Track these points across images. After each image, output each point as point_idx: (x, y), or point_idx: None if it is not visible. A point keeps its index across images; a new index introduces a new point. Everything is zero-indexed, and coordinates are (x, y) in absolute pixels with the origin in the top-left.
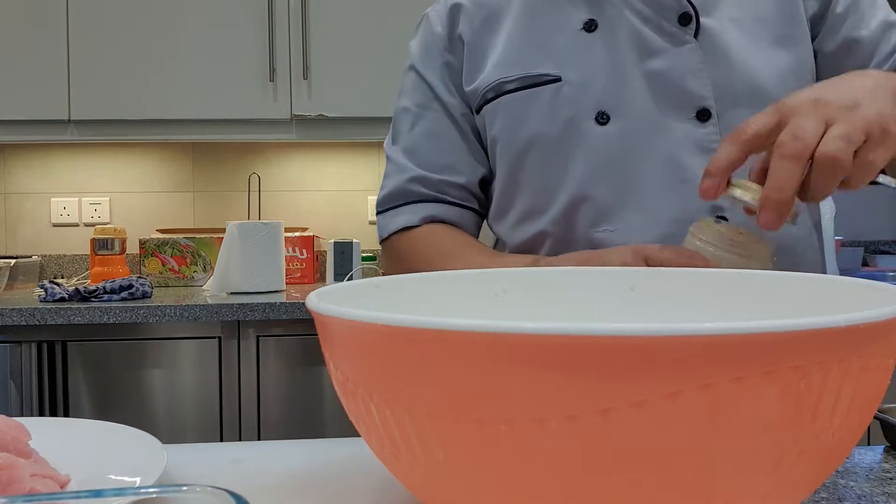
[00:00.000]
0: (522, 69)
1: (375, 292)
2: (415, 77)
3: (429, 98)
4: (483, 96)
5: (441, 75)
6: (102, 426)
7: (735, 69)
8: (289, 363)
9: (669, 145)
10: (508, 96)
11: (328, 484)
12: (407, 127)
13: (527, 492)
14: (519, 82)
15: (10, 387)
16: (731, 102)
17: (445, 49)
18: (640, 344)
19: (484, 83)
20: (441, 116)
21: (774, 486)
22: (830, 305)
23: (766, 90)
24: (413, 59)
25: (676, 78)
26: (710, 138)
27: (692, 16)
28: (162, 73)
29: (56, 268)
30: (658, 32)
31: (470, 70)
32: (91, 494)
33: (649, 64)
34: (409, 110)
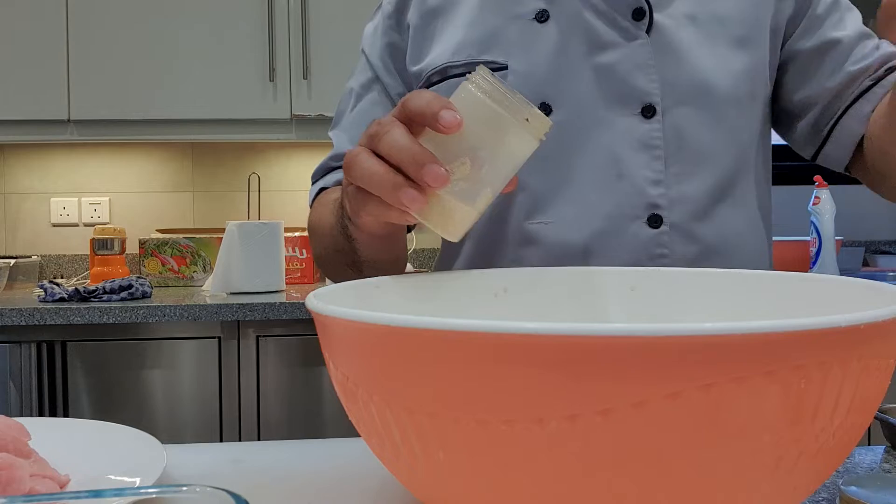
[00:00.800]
0: (470, 55)
1: (375, 292)
2: (363, 60)
3: (370, 79)
4: (428, 79)
5: (382, 55)
6: (102, 426)
7: (684, 67)
8: (289, 363)
9: (610, 140)
10: (452, 81)
11: (328, 484)
12: (349, 108)
13: (527, 492)
14: (465, 67)
15: (10, 387)
16: (677, 100)
17: (391, 28)
18: (640, 344)
19: (430, 65)
20: (379, 96)
21: (775, 487)
22: (831, 305)
23: (715, 90)
24: (363, 42)
25: (624, 73)
26: (652, 135)
27: (646, 11)
28: (162, 72)
29: (56, 268)
30: (610, 26)
31: (415, 50)
32: (91, 494)
33: (599, 57)
34: (353, 91)
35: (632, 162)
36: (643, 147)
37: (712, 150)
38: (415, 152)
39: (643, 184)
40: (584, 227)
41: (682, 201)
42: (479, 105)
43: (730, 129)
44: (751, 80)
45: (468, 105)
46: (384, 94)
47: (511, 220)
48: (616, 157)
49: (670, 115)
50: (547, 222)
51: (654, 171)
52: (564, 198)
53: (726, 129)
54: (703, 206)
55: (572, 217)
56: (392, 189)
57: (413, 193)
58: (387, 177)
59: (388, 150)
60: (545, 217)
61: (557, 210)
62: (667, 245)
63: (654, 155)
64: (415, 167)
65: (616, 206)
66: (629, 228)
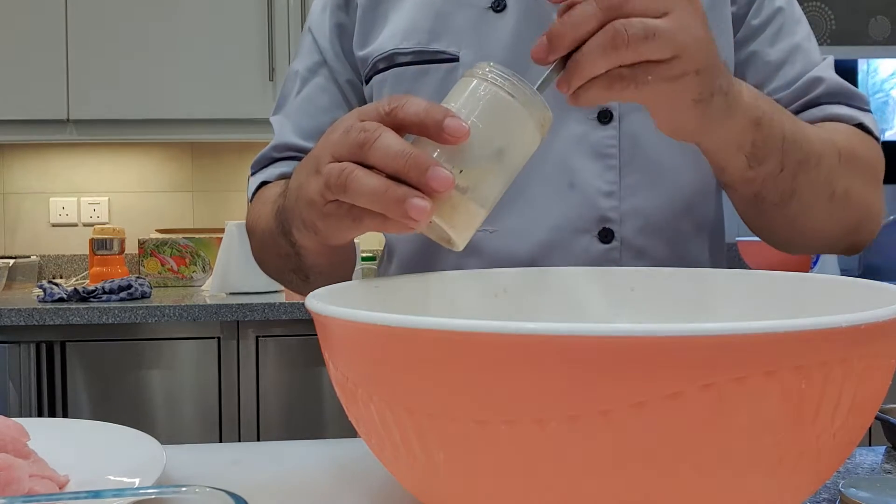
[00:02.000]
0: (419, 42)
1: (375, 292)
2: (309, 39)
3: (318, 62)
4: (374, 66)
5: (331, 38)
6: (101, 427)
7: None
8: (288, 363)
9: (563, 145)
10: (400, 69)
11: (328, 484)
12: (293, 93)
13: (527, 492)
14: (413, 56)
15: (9, 387)
16: (635, 105)
17: (339, 8)
18: (640, 344)
19: (376, 51)
20: (326, 82)
21: (775, 487)
22: (831, 306)
23: None
24: (310, 20)
25: None
26: (607, 143)
27: None
28: (161, 72)
29: (55, 268)
30: None
31: (362, 34)
32: (90, 495)
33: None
34: (298, 74)
35: (584, 170)
36: (597, 155)
37: (671, 162)
38: (414, 156)
39: (595, 195)
40: (530, 238)
41: (634, 215)
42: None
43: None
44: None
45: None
46: (331, 80)
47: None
48: (568, 164)
49: (627, 122)
50: (491, 230)
51: (606, 181)
52: (511, 205)
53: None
54: (658, 223)
55: (518, 227)
56: (396, 204)
57: (421, 204)
58: (390, 191)
59: (383, 158)
60: (489, 225)
61: (502, 218)
62: (616, 262)
63: (608, 164)
64: (417, 172)
65: (565, 218)
66: (579, 242)
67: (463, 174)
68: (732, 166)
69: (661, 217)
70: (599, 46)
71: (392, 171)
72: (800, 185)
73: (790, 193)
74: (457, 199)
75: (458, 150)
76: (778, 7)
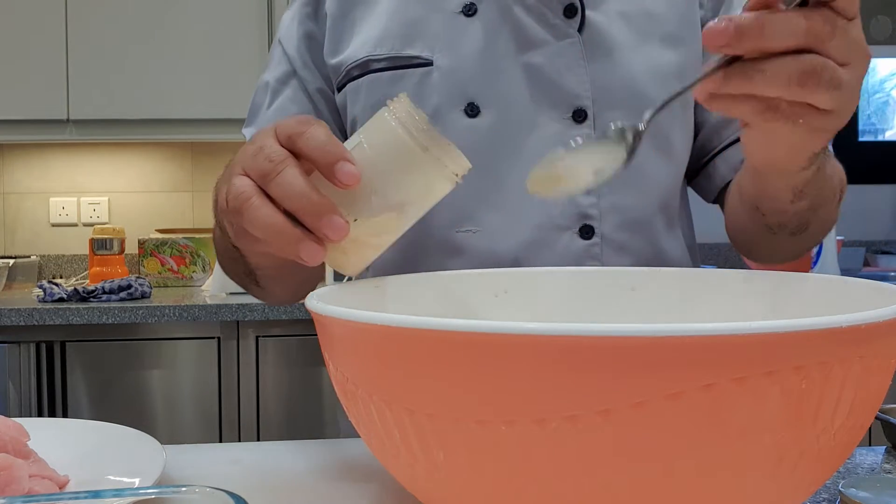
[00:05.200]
0: (393, 48)
1: (375, 292)
2: (279, 51)
3: (288, 72)
4: (347, 73)
5: (299, 47)
6: (101, 427)
7: (616, 69)
8: (288, 363)
9: (541, 145)
10: (374, 75)
11: (328, 484)
12: (265, 105)
13: (527, 492)
14: (388, 62)
15: (9, 387)
16: (609, 104)
17: (308, 17)
18: (640, 344)
19: (350, 59)
20: (297, 92)
21: (775, 487)
22: (832, 306)
23: (644, 93)
24: (280, 31)
25: (554, 73)
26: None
27: (577, 8)
28: (161, 72)
29: (55, 268)
30: (540, 23)
31: (333, 42)
32: (90, 495)
33: (528, 56)
34: (269, 85)
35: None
36: None
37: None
38: (312, 201)
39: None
40: (514, 237)
41: (614, 212)
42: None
43: (662, 138)
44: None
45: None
46: (302, 91)
47: (436, 227)
48: None
49: (602, 120)
50: (475, 231)
51: None
52: (493, 205)
53: (659, 138)
54: (635, 218)
55: (501, 226)
56: (290, 243)
57: (313, 248)
58: (285, 230)
59: (283, 195)
60: (472, 225)
61: (485, 218)
62: (598, 257)
63: None
64: (313, 218)
65: (546, 216)
66: (560, 239)
67: (358, 223)
68: (780, 198)
69: (638, 212)
70: (790, 74)
71: (290, 209)
72: (817, 218)
73: (806, 226)
74: (349, 245)
75: (356, 196)
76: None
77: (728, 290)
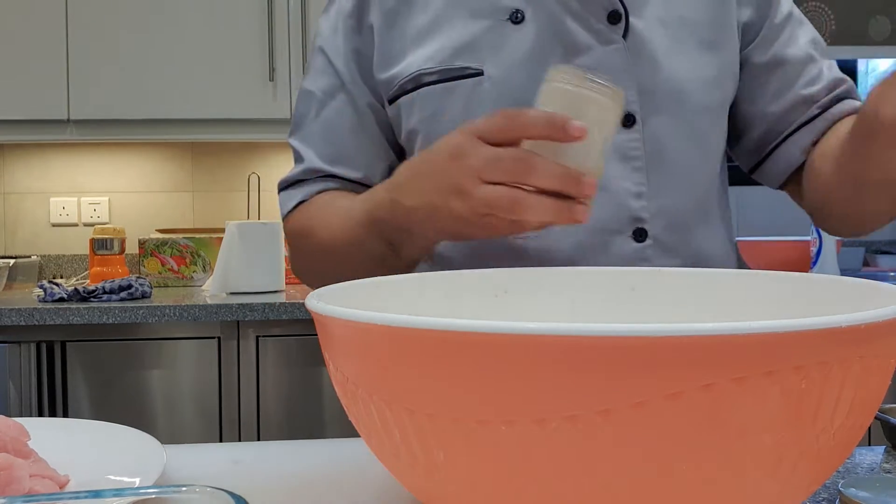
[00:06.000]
0: (443, 60)
1: (375, 292)
2: (323, 60)
3: (335, 85)
4: (400, 87)
5: (347, 63)
6: (102, 426)
7: (660, 74)
8: (289, 363)
9: None
10: (427, 89)
11: (328, 484)
12: (311, 115)
13: (527, 492)
14: (439, 74)
15: (10, 387)
16: (654, 109)
17: (353, 31)
18: (640, 344)
19: (402, 73)
20: (345, 106)
21: (775, 487)
22: (831, 305)
23: (687, 97)
24: (321, 40)
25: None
26: (632, 146)
27: (622, 14)
28: (161, 72)
29: (55, 268)
30: (585, 29)
31: (383, 56)
32: (90, 495)
33: (574, 62)
34: (314, 95)
35: (613, 173)
36: (623, 158)
37: (688, 161)
38: (568, 175)
39: (625, 196)
40: (569, 241)
41: (662, 214)
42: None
43: (703, 140)
44: (721, 87)
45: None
46: (350, 105)
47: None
48: None
49: (649, 124)
50: (534, 236)
51: (635, 182)
52: None
53: (700, 140)
54: (683, 220)
55: (557, 230)
56: (566, 214)
57: (581, 209)
58: (560, 206)
59: (548, 181)
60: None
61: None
62: (650, 259)
63: (635, 166)
64: (576, 187)
65: (599, 220)
66: (614, 242)
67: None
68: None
69: (685, 214)
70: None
71: (554, 188)
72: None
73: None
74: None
75: (575, 154)
76: (788, 12)
77: (728, 290)
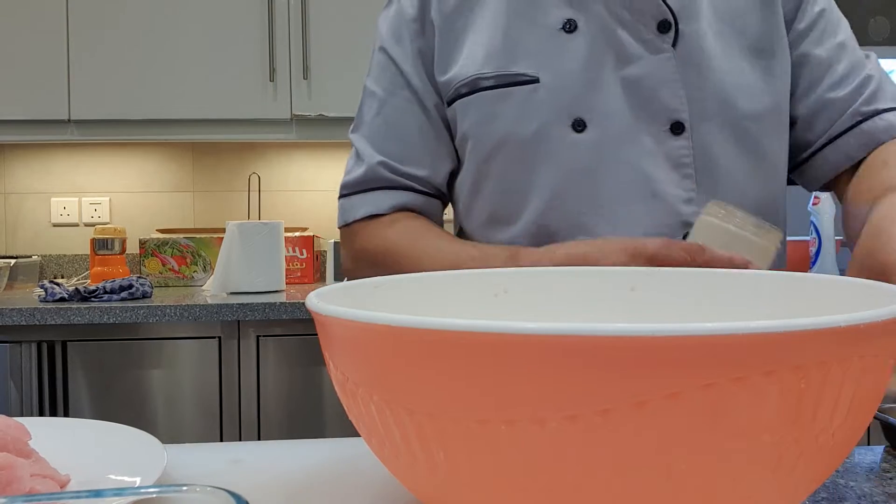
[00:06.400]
0: (499, 66)
1: (375, 292)
2: (384, 58)
3: (398, 84)
4: (456, 90)
5: (413, 61)
6: (102, 426)
7: (709, 82)
8: (289, 363)
9: (641, 157)
10: (483, 93)
11: (328, 484)
12: (373, 112)
13: (527, 492)
14: (496, 80)
15: (10, 387)
16: (703, 116)
17: (417, 34)
18: (640, 344)
19: (458, 77)
20: (409, 104)
21: (774, 487)
22: (830, 305)
23: (736, 106)
24: (383, 40)
25: (651, 87)
26: (681, 153)
27: (671, 24)
28: (162, 73)
29: (56, 268)
30: (636, 38)
31: (442, 59)
32: (91, 494)
33: (626, 71)
34: (376, 94)
35: (664, 180)
36: (673, 165)
37: (737, 169)
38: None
39: (676, 202)
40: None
41: None
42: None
43: (754, 146)
44: (772, 93)
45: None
46: (416, 103)
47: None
48: (648, 175)
49: (698, 132)
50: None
51: (685, 189)
52: (601, 217)
53: (751, 147)
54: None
55: (611, 236)
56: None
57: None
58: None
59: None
60: (583, 236)
61: (596, 229)
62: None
63: (685, 173)
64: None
65: (651, 226)
66: None
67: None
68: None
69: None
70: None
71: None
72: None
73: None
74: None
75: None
76: (821, 9)
77: (727, 289)
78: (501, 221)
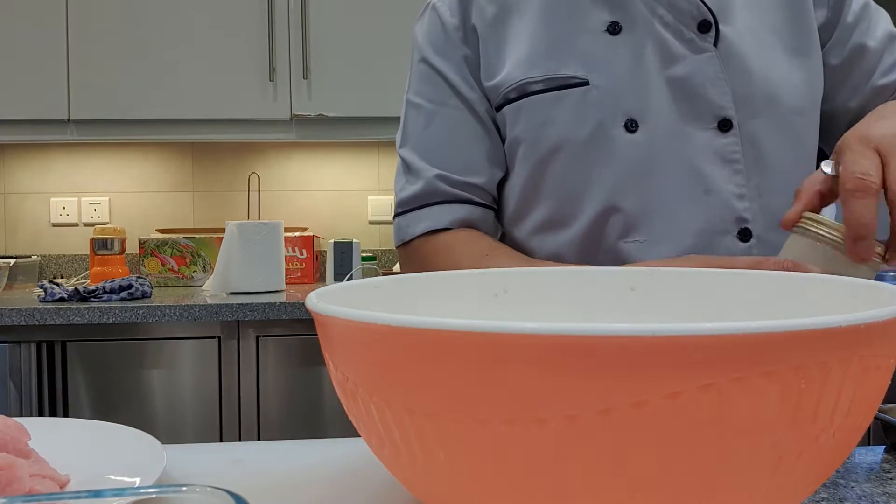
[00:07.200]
0: (547, 69)
1: (375, 292)
2: (426, 69)
3: (445, 93)
4: (504, 96)
5: (460, 69)
6: (102, 426)
7: (754, 78)
8: (289, 363)
9: (692, 155)
10: (534, 97)
11: (328, 484)
12: (420, 125)
13: (527, 492)
14: (545, 83)
15: (10, 387)
16: (751, 113)
17: (462, 41)
18: (640, 344)
19: (506, 82)
20: (461, 113)
21: (775, 487)
22: (831, 305)
23: (781, 100)
24: (424, 51)
25: (697, 86)
26: (730, 149)
27: (712, 23)
28: (162, 73)
29: (55, 268)
30: (678, 39)
31: (487, 64)
32: (90, 494)
33: (671, 70)
34: (422, 107)
35: (716, 176)
36: (723, 161)
37: (786, 162)
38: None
39: (729, 198)
40: (678, 244)
41: (765, 214)
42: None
43: (799, 140)
44: (810, 89)
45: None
46: (467, 111)
47: (604, 241)
48: (699, 172)
49: (746, 128)
50: (641, 240)
51: (737, 184)
52: (655, 215)
53: (796, 141)
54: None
55: (665, 234)
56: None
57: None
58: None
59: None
60: (639, 235)
61: (650, 228)
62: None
63: (735, 169)
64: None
65: (706, 222)
66: (721, 243)
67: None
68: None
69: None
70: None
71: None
72: None
73: None
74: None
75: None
76: (864, 2)
77: (728, 289)
78: (556, 225)
